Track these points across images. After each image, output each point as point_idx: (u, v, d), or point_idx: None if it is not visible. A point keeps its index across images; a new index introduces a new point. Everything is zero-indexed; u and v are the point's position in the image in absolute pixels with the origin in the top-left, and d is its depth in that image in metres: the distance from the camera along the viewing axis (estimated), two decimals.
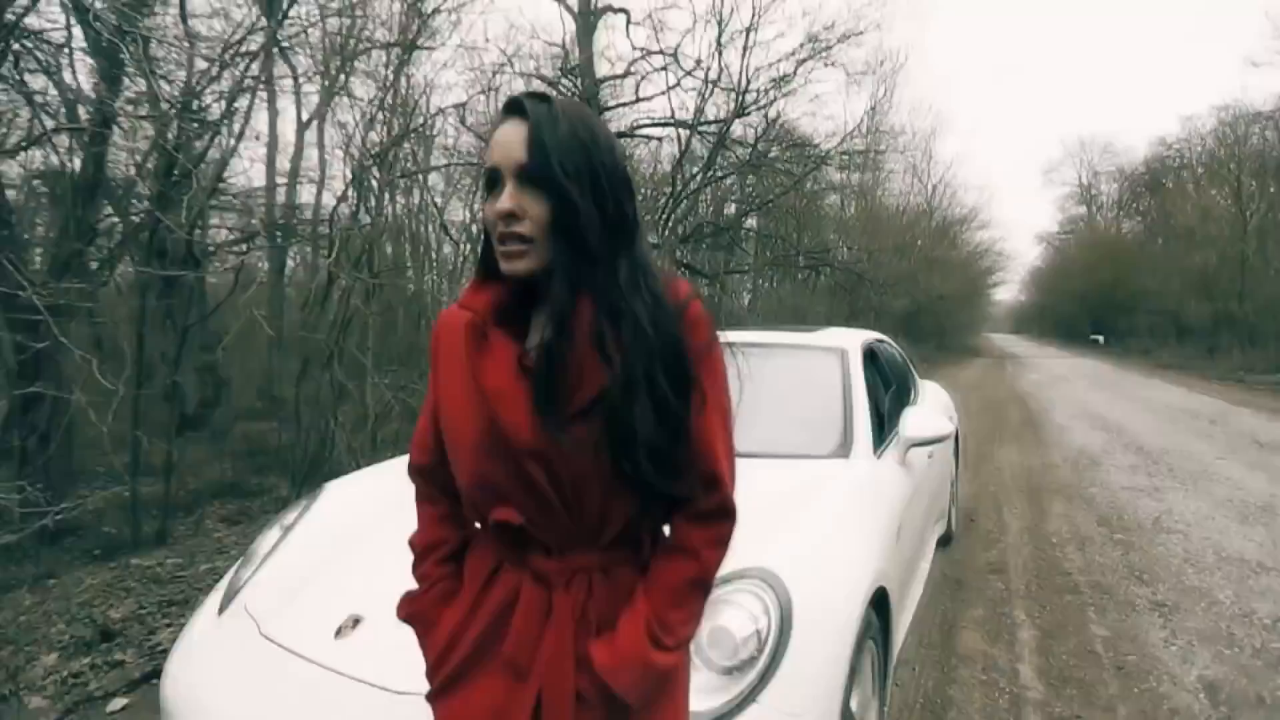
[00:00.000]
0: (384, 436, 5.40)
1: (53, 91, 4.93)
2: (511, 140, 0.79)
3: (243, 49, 5.78)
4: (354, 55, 7.33)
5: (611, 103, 10.53)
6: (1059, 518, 4.41)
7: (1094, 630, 2.83)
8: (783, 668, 1.22)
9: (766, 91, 9.59)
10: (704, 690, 1.20)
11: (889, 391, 2.88)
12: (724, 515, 0.87)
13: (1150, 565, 3.53)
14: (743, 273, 11.68)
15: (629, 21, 9.84)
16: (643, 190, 10.63)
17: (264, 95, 8.01)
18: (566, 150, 0.78)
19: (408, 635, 0.91)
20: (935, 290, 17.27)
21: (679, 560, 0.84)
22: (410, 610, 0.90)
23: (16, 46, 4.37)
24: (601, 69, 10.34)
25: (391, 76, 6.82)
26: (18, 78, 4.57)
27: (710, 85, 9.32)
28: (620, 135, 10.55)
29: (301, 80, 8.29)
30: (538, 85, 10.64)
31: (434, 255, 10.83)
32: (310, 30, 6.92)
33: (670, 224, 9.34)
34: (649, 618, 0.81)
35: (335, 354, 5.17)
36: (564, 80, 10.14)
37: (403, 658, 0.98)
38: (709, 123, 9.73)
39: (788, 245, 11.03)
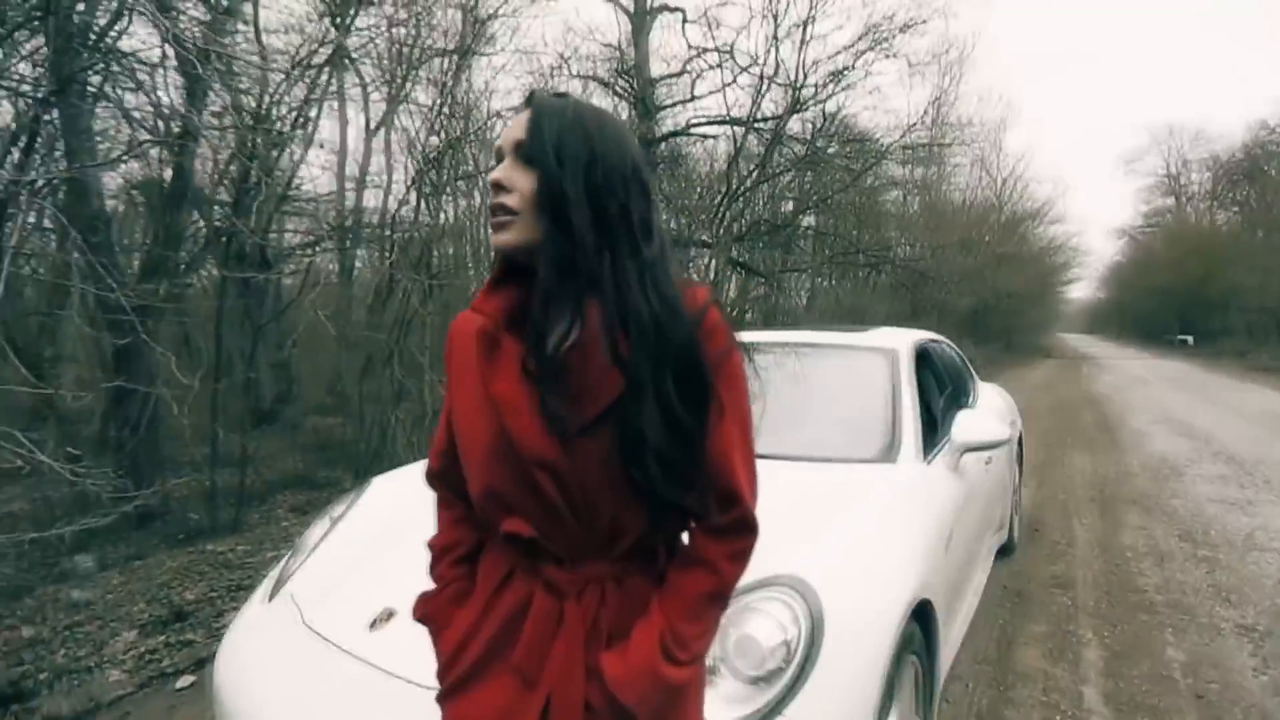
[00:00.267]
0: None
1: (147, 106, 5.29)
2: (517, 123, 0.81)
3: (313, 61, 6.06)
4: (417, 64, 7.57)
5: (666, 101, 10.52)
6: (1135, 530, 4.12)
7: (1171, 654, 2.63)
8: (811, 680, 1.17)
9: (823, 86, 9.37)
10: (728, 700, 1.16)
11: (943, 394, 2.75)
12: (744, 529, 0.83)
13: (1239, 585, 3.25)
14: (800, 271, 11.44)
15: (684, 20, 9.79)
16: (698, 189, 10.57)
17: (334, 104, 8.37)
18: (565, 134, 0.79)
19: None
20: (1003, 288, 16.48)
21: (696, 573, 0.82)
22: (424, 610, 0.91)
23: (115, 67, 4.70)
24: (656, 69, 10.33)
25: (450, 83, 7.00)
26: (116, 95, 4.92)
27: (766, 81, 9.17)
28: (674, 134, 10.52)
29: (369, 89, 8.63)
30: (593, 87, 10.73)
31: (492, 256, 11.05)
32: (376, 40, 7.19)
33: (725, 222, 9.23)
34: (663, 630, 0.78)
35: (395, 353, 5.34)
36: (619, 81, 10.17)
37: (429, 653, 0.99)
38: (764, 119, 9.58)
39: (846, 243, 10.72)
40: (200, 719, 2.14)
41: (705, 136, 10.42)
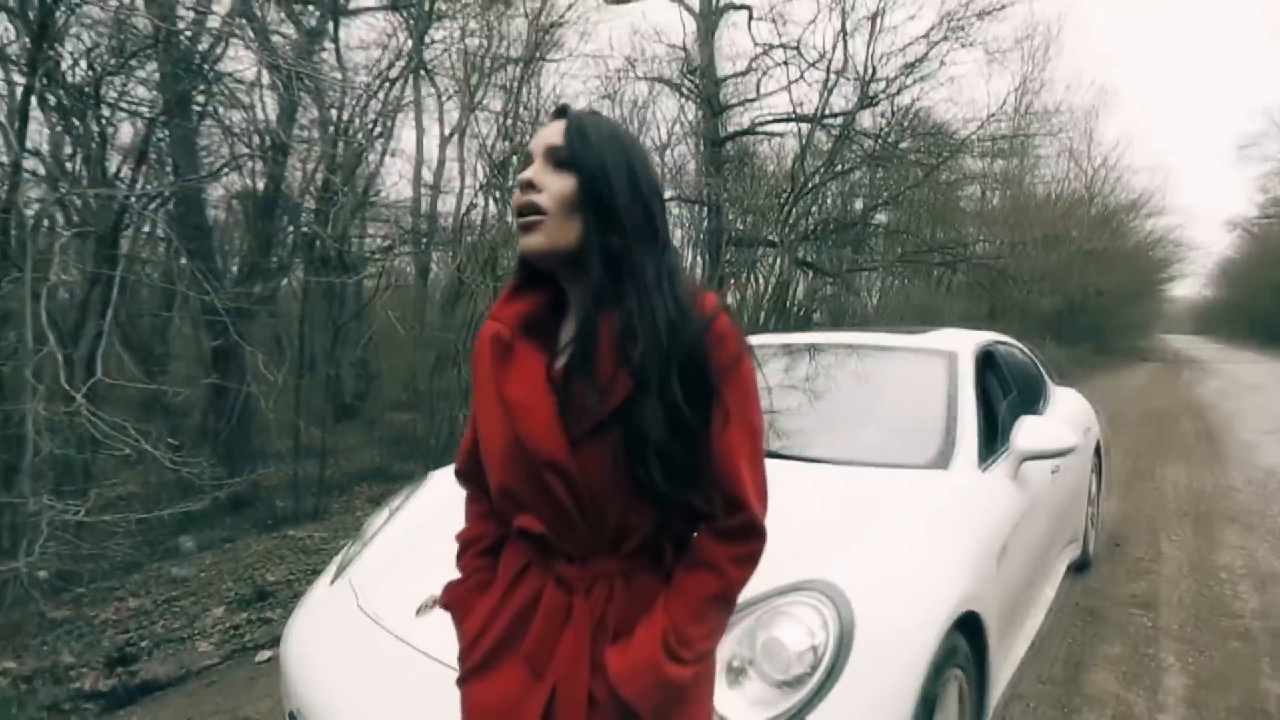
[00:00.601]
0: None
1: (245, 123, 5.70)
2: (549, 130, 0.84)
3: (391, 75, 6.37)
4: (488, 73, 7.83)
5: (733, 100, 10.43)
6: (1233, 550, 3.80)
7: (1267, 686, 2.41)
8: (837, 688, 1.15)
9: (895, 79, 9.06)
10: (754, 703, 1.16)
11: (1008, 399, 2.63)
12: (750, 533, 0.84)
13: None
14: (869, 270, 11.10)
15: (751, 17, 9.67)
16: (764, 187, 10.43)
17: (411, 114, 8.75)
18: (605, 143, 0.82)
19: None
20: (1092, 286, 15.38)
21: (701, 574, 0.83)
22: (449, 598, 0.96)
23: (217, 88, 5.10)
24: (723, 69, 10.26)
25: (518, 90, 7.21)
26: (218, 113, 5.34)
27: (834, 76, 8.96)
28: (741, 133, 10.43)
29: (443, 98, 8.98)
30: (660, 89, 10.77)
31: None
32: (450, 51, 7.49)
33: (791, 221, 9.07)
34: (666, 628, 0.80)
35: (462, 352, 5.55)
36: (686, 81, 10.17)
37: None
38: (833, 115, 9.36)
39: (919, 240, 10.32)
40: (275, 691, 2.30)
41: (772, 135, 10.28)
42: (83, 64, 4.09)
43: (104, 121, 4.37)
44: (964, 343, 2.52)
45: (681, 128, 10.78)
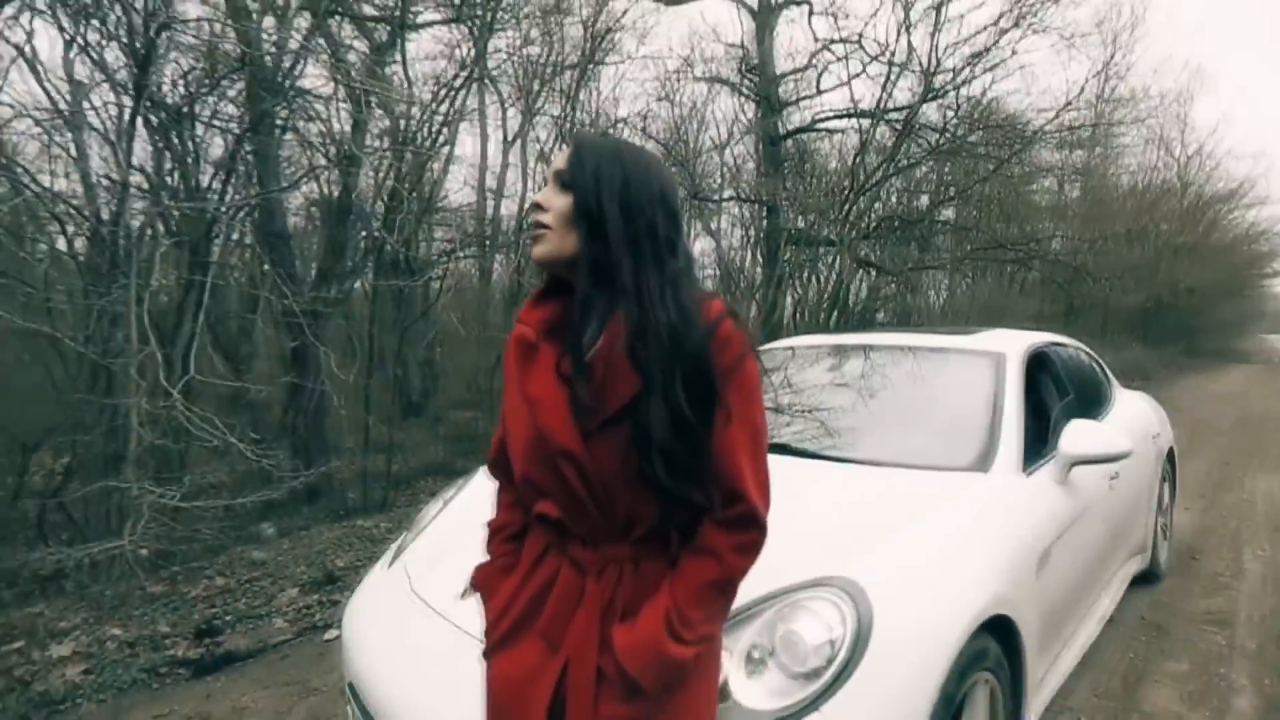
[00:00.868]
0: None
1: (320, 135, 6.07)
2: (560, 156, 0.94)
3: (455, 84, 6.64)
4: (547, 79, 8.04)
5: (792, 98, 10.31)
6: None
7: None
8: (850, 683, 1.18)
9: (960, 70, 8.76)
10: (770, 692, 1.21)
11: (1063, 401, 2.55)
12: (750, 524, 0.90)
13: None
14: (932, 269, 10.75)
15: (810, 12, 9.54)
16: (823, 185, 10.27)
17: (474, 122, 9.07)
18: (602, 162, 0.90)
19: None
20: (1182, 282, 14.31)
21: (703, 561, 0.89)
22: (478, 579, 1.06)
23: (296, 103, 5.46)
24: (781, 66, 10.16)
25: (575, 94, 7.37)
26: (297, 126, 5.71)
27: (897, 69, 8.74)
28: (799, 131, 10.30)
29: (504, 105, 9.27)
30: (718, 88, 10.75)
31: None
32: (511, 59, 7.74)
33: (851, 219, 8.90)
34: (669, 610, 0.87)
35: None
36: (744, 80, 10.12)
37: None
38: (894, 110, 9.12)
39: (988, 237, 9.92)
40: (339, 667, 2.49)
41: (831, 131, 10.10)
42: (178, 86, 4.48)
43: (196, 139, 4.77)
44: (1013, 344, 2.46)
45: (740, 126, 10.74)
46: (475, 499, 2.09)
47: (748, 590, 1.29)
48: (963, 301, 11.07)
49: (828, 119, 9.85)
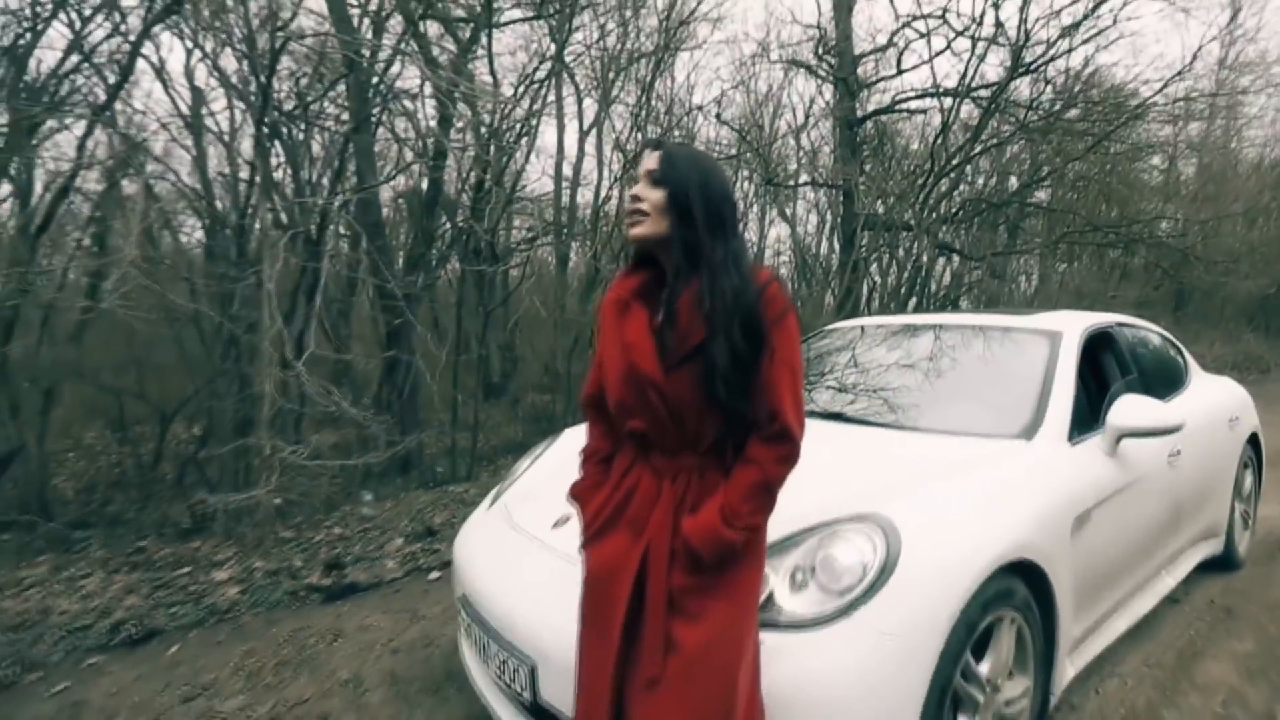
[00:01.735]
0: None
1: (410, 132, 6.63)
2: (649, 159, 1.26)
3: (536, 76, 7.06)
4: (623, 68, 8.36)
5: (871, 79, 10.21)
6: None
7: None
8: (877, 598, 1.43)
9: (1056, 42, 8.44)
10: (809, 602, 1.47)
11: (1125, 379, 2.65)
12: (786, 439, 1.19)
13: None
14: (1020, 254, 10.41)
15: None
16: (903, 168, 10.13)
17: (552, 112, 9.51)
18: (687, 167, 1.22)
19: None
20: None
21: (750, 469, 1.20)
22: (575, 491, 1.39)
23: (391, 104, 6.00)
24: (861, 47, 10.06)
25: (651, 82, 7.65)
26: (390, 123, 6.28)
27: (984, 44, 8.52)
28: (879, 112, 10.18)
29: (582, 94, 9.67)
30: (796, 71, 10.77)
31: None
32: (590, 51, 8.10)
33: (931, 203, 8.79)
34: (724, 505, 1.18)
35: (596, 333, 6.12)
36: (821, 63, 10.10)
37: None
38: (983, 87, 8.90)
39: (1083, 219, 9.52)
40: (444, 600, 2.92)
41: (912, 112, 9.95)
42: (291, 92, 5.07)
43: (303, 139, 5.37)
44: (1073, 324, 2.58)
45: (817, 109, 10.73)
46: (560, 454, 2.45)
47: (795, 522, 1.58)
48: (1055, 288, 10.64)
49: (909, 99, 9.71)
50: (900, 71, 9.66)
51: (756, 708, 1.28)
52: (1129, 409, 2.18)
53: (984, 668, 1.65)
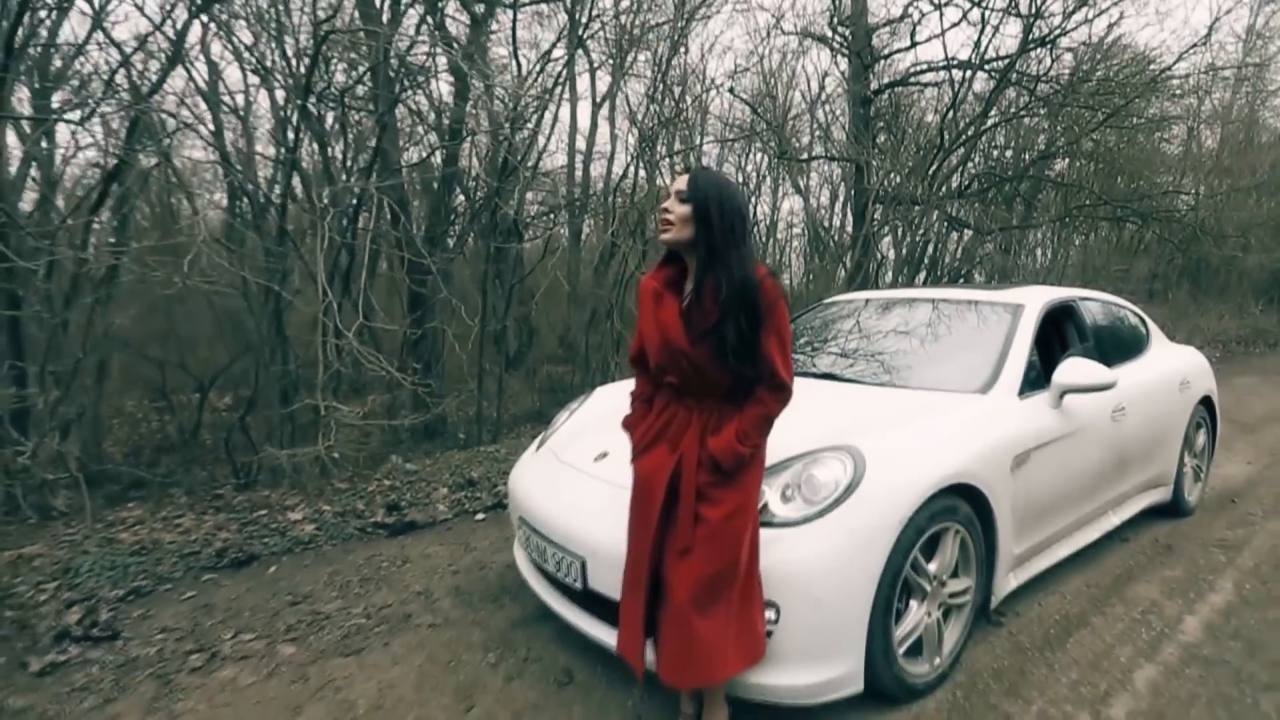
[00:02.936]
0: None
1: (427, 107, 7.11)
2: (680, 180, 1.79)
3: (552, 54, 7.50)
4: (636, 42, 8.77)
5: (885, 51, 10.54)
6: None
7: None
8: (844, 506, 1.98)
9: (1071, 13, 8.76)
10: (795, 509, 2.04)
11: (1082, 346, 3.18)
12: (781, 387, 1.76)
13: None
14: (1028, 228, 10.79)
15: None
16: (914, 141, 10.51)
17: (565, 86, 9.92)
18: (709, 188, 1.75)
19: (627, 457, 1.97)
20: None
21: (756, 406, 1.77)
22: (627, 423, 1.99)
23: (408, 81, 6.48)
24: (875, 18, 10.37)
25: (667, 57, 8.08)
26: (410, 102, 6.76)
27: (997, 15, 8.84)
28: (893, 84, 10.54)
29: (596, 68, 10.08)
30: (808, 43, 11.11)
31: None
32: (604, 22, 8.51)
33: (938, 177, 9.20)
34: (738, 429, 1.75)
35: (614, 308, 6.65)
36: (835, 34, 10.44)
37: (625, 471, 2.01)
38: (995, 59, 9.25)
39: (1094, 193, 9.90)
40: (492, 536, 3.52)
41: (925, 85, 10.30)
42: (328, 80, 5.57)
43: (343, 122, 5.89)
44: (1035, 298, 3.11)
45: (831, 81, 11.07)
46: (595, 405, 3.02)
47: (787, 450, 2.13)
48: (1063, 263, 11.05)
49: (921, 72, 10.06)
50: (914, 44, 10.00)
51: (755, 579, 1.85)
52: (1070, 369, 2.71)
53: (932, 566, 2.22)
